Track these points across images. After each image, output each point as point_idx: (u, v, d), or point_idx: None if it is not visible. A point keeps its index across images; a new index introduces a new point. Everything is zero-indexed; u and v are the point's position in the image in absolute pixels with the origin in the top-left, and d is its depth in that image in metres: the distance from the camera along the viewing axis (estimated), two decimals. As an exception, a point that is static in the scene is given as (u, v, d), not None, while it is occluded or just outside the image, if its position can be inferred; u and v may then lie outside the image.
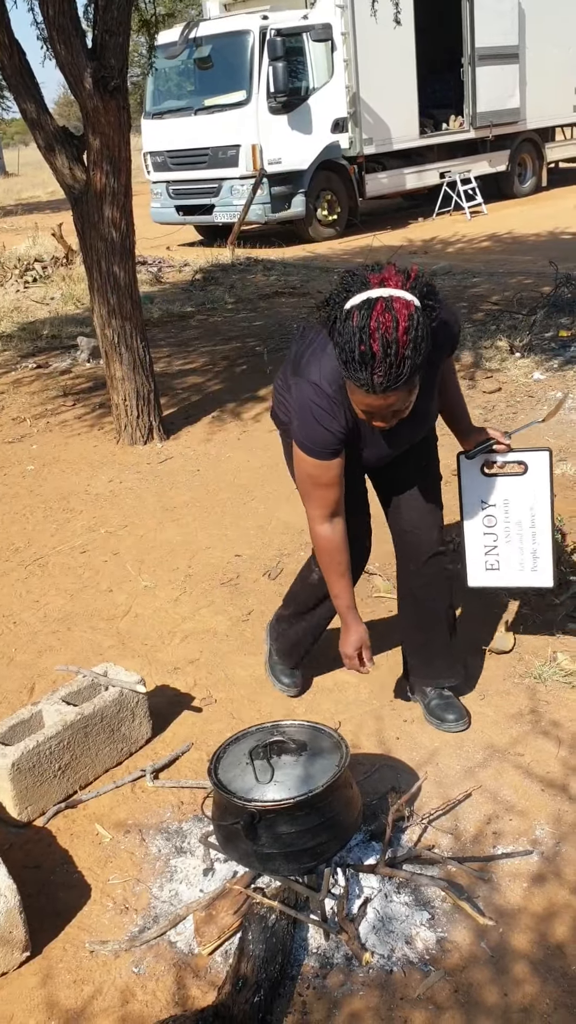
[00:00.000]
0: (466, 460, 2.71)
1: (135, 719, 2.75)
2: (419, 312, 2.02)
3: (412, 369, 2.03)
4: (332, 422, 2.30)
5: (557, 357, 6.21)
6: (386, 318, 1.97)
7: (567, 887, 2.19)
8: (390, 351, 1.98)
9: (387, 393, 2.07)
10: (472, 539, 2.79)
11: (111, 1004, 2.01)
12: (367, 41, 12.75)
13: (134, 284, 5.18)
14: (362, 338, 1.98)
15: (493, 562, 2.79)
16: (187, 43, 12.58)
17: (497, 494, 2.72)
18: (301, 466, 2.42)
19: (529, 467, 2.67)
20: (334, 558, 2.49)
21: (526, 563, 2.76)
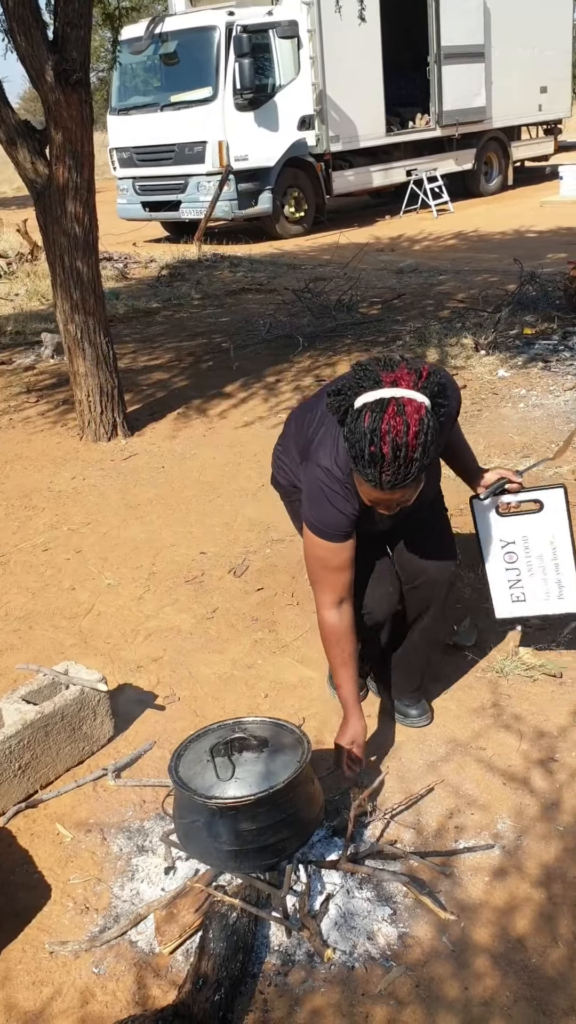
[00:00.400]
0: (479, 503, 2.68)
1: (97, 718, 2.73)
2: (429, 414, 2.04)
3: (420, 470, 2.07)
4: (345, 504, 2.31)
5: (522, 355, 6.25)
6: (397, 421, 1.99)
7: (528, 881, 2.20)
8: (399, 454, 2.01)
9: (394, 490, 2.11)
10: (495, 575, 2.78)
11: (70, 1005, 1.99)
12: (333, 38, 12.76)
13: (97, 279, 5.13)
14: (372, 439, 2.00)
15: (519, 595, 2.79)
16: (152, 38, 12.52)
17: (515, 532, 2.71)
18: (312, 550, 2.40)
19: (545, 504, 2.66)
20: (340, 645, 2.42)
21: (551, 592, 2.75)
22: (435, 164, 14.97)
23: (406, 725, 2.77)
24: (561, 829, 2.33)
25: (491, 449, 4.73)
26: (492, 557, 2.75)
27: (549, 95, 16.98)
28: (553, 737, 2.66)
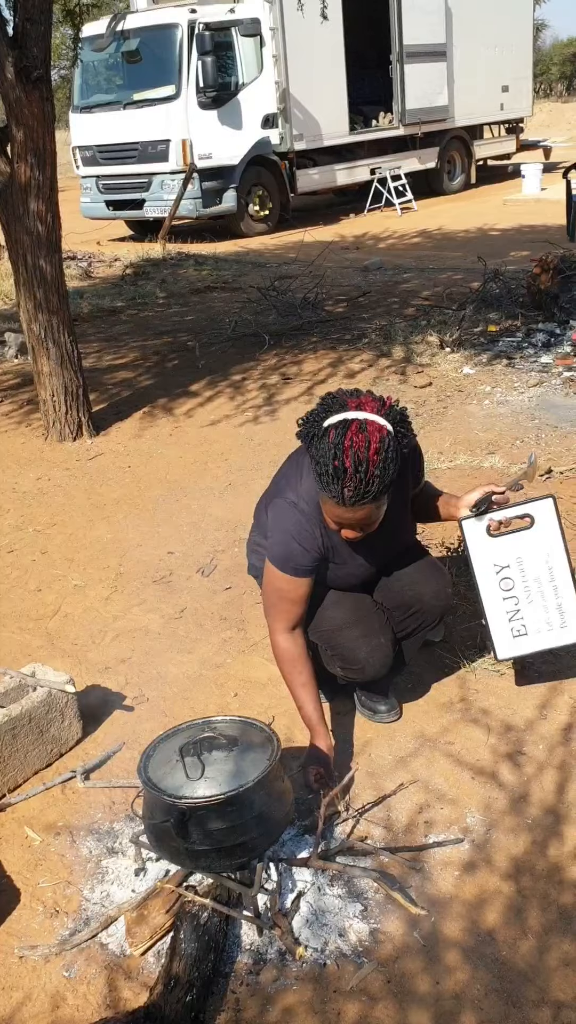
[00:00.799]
0: (469, 524, 2.56)
1: (64, 720, 2.71)
2: (390, 436, 2.18)
3: (381, 487, 2.17)
4: (307, 539, 2.40)
5: (486, 352, 6.29)
6: (359, 438, 2.13)
7: (497, 874, 2.21)
8: (360, 468, 2.12)
9: (356, 506, 2.19)
10: (493, 607, 2.61)
11: (41, 1010, 1.97)
12: (296, 37, 12.77)
13: (61, 278, 5.10)
14: (336, 454, 2.13)
15: (519, 628, 2.62)
16: (114, 36, 12.44)
17: (509, 554, 2.57)
18: (272, 581, 2.48)
19: (536, 519, 2.54)
20: (295, 667, 2.49)
21: (553, 621, 2.61)
22: (399, 163, 15.03)
23: (375, 721, 2.78)
24: (529, 822, 2.35)
25: (457, 446, 4.75)
26: (488, 586, 2.59)
27: (511, 94, 17.13)
28: (520, 731, 2.68)
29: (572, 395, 5.38)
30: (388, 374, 6.07)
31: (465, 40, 15.45)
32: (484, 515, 2.55)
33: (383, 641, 2.56)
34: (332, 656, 2.62)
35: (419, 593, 2.59)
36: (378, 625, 2.57)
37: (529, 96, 18.14)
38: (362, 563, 2.55)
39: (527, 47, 17.63)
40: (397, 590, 2.62)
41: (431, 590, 2.58)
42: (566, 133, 24.23)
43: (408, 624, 2.64)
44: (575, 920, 2.07)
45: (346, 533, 2.32)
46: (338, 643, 2.56)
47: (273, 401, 5.77)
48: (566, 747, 2.59)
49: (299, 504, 2.40)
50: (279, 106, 13.08)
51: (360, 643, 2.53)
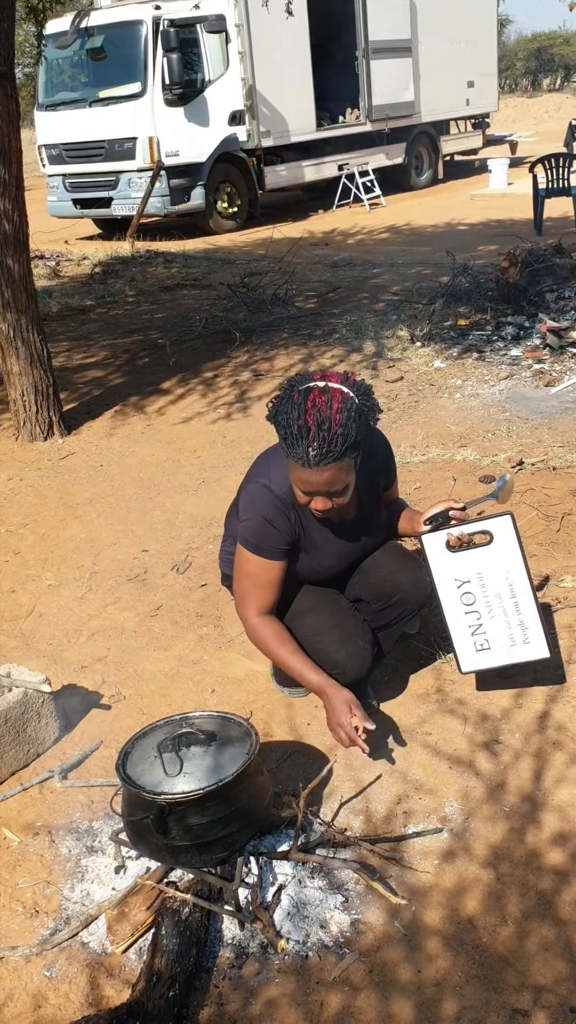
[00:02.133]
0: (428, 539, 2.54)
1: (41, 719, 2.69)
2: (353, 400, 2.24)
3: (344, 446, 2.20)
4: (279, 519, 2.42)
5: (456, 345, 6.32)
6: (322, 399, 2.20)
7: (476, 862, 2.23)
8: (324, 426, 2.17)
9: (321, 467, 2.21)
10: (455, 621, 2.59)
11: (23, 1010, 1.96)
12: (261, 33, 12.74)
13: (29, 276, 5.06)
14: (299, 414, 2.19)
15: (482, 642, 2.59)
16: (78, 33, 12.36)
17: (469, 569, 2.55)
18: (243, 566, 2.48)
19: (494, 535, 2.52)
20: (280, 642, 2.46)
21: (516, 636, 2.59)
22: (366, 159, 15.05)
23: (353, 714, 2.79)
24: (507, 810, 2.37)
25: (429, 439, 4.77)
26: (449, 599, 2.58)
27: (476, 89, 17.21)
28: (497, 720, 2.70)
29: (542, 387, 5.42)
30: (359, 369, 6.08)
31: (430, 36, 15.50)
32: (441, 529, 2.54)
33: (361, 644, 2.56)
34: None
35: (399, 582, 2.60)
36: (355, 629, 2.58)
37: (495, 91, 18.22)
38: (334, 551, 2.55)
39: (492, 42, 17.71)
40: (376, 580, 2.63)
41: (410, 578, 2.59)
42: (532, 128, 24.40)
43: (388, 614, 2.64)
44: (554, 905, 2.09)
45: (316, 505, 2.31)
46: (317, 648, 2.56)
47: (245, 398, 5.77)
48: (542, 735, 2.61)
49: (272, 488, 2.41)
50: (246, 103, 13.05)
51: (339, 647, 2.53)
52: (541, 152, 12.21)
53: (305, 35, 13.32)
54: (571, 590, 3.30)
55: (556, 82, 42.23)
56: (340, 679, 2.60)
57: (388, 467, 2.66)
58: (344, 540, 2.56)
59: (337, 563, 2.60)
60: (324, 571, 2.61)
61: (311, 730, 2.74)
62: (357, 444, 2.25)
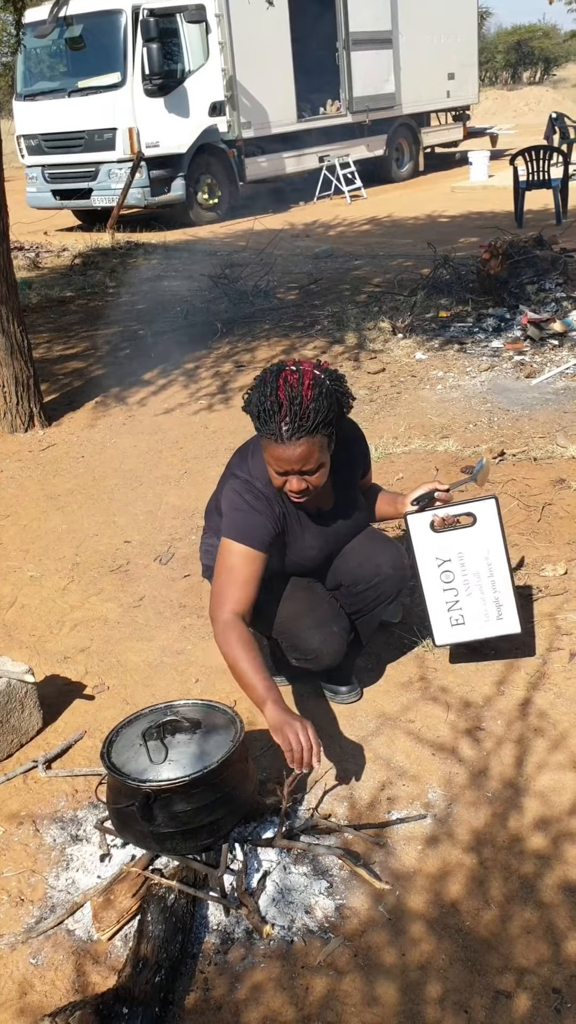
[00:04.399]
0: (413, 519, 2.62)
1: (24, 710, 2.69)
2: (324, 380, 2.27)
3: (315, 420, 2.22)
4: (263, 509, 2.41)
5: (438, 337, 6.33)
6: (293, 377, 2.24)
7: (459, 847, 2.25)
8: (295, 402, 2.20)
9: (294, 441, 2.22)
10: (433, 597, 2.68)
11: (8, 998, 1.96)
12: (242, 23, 12.70)
13: (9, 267, 5.03)
14: (271, 391, 2.23)
15: (457, 617, 2.69)
16: (57, 22, 12.23)
17: (451, 548, 2.64)
18: (224, 559, 2.37)
19: (478, 517, 2.61)
20: (245, 648, 2.25)
21: (490, 613, 2.68)
22: (347, 150, 15.03)
23: (335, 702, 2.80)
24: (490, 795, 2.39)
25: (411, 431, 4.79)
26: (429, 577, 2.67)
27: (457, 81, 17.22)
28: (479, 707, 2.72)
29: (523, 379, 5.44)
30: (341, 360, 6.09)
31: (411, 27, 15.49)
32: (426, 511, 2.62)
33: (335, 630, 2.56)
34: (287, 647, 2.63)
35: (377, 564, 2.61)
36: (330, 614, 2.58)
37: (475, 84, 18.25)
38: (315, 542, 2.56)
39: (472, 35, 17.73)
40: (354, 564, 2.64)
41: (388, 560, 2.60)
42: (512, 121, 24.41)
43: (367, 596, 2.64)
44: (536, 889, 2.11)
45: (291, 486, 2.30)
46: (291, 634, 2.57)
47: (227, 389, 5.76)
48: (524, 722, 2.64)
49: (253, 481, 2.43)
50: (226, 94, 13.00)
51: (312, 633, 2.54)
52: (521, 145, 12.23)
53: (286, 26, 13.27)
54: (551, 579, 3.33)
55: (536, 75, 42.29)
56: (315, 665, 2.61)
57: (364, 455, 2.68)
58: (324, 530, 2.57)
59: (318, 554, 2.61)
60: (306, 562, 2.62)
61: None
62: (330, 422, 2.27)
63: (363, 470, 2.69)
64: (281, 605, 2.57)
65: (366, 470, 2.71)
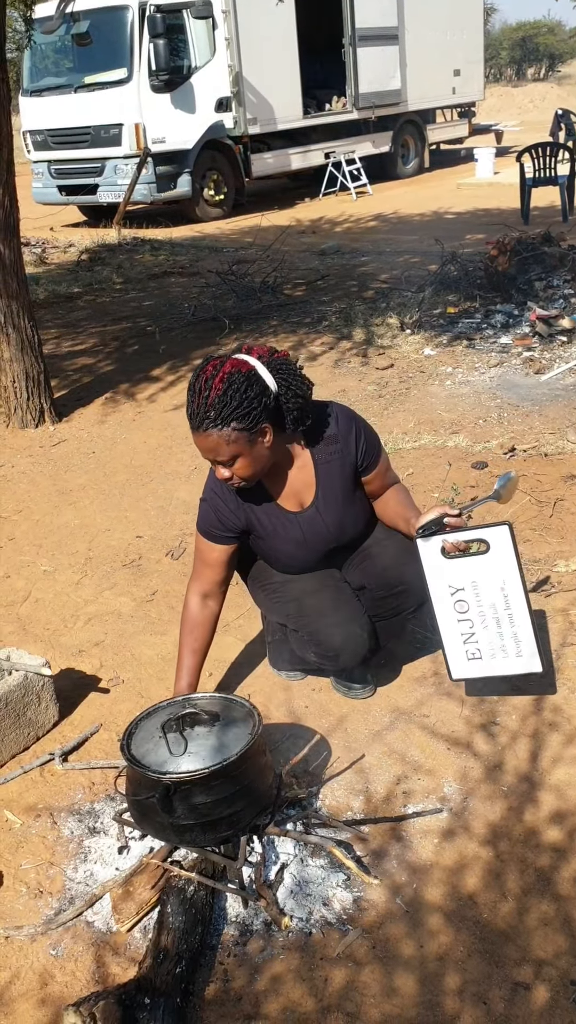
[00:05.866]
0: (423, 543, 2.44)
1: (41, 703, 2.70)
2: (248, 374, 2.24)
3: (218, 416, 2.22)
4: (220, 505, 2.49)
5: (446, 333, 6.34)
6: (211, 367, 2.25)
7: (476, 840, 2.26)
8: (202, 394, 2.22)
9: (199, 432, 2.27)
10: (447, 628, 2.51)
11: (29, 988, 1.98)
12: (248, 20, 12.69)
13: (19, 262, 5.04)
14: (193, 379, 2.27)
15: (474, 651, 2.51)
16: (64, 18, 12.25)
17: (463, 577, 2.45)
18: (196, 542, 2.59)
19: (491, 545, 2.41)
20: (193, 634, 2.56)
21: (509, 648, 2.49)
22: (353, 147, 15.03)
23: (349, 698, 2.81)
24: (505, 789, 2.40)
25: (421, 426, 4.79)
26: (442, 606, 2.49)
27: (462, 78, 17.20)
28: (493, 702, 2.73)
29: (532, 375, 5.45)
30: (349, 356, 6.10)
31: (417, 23, 15.47)
32: (435, 536, 2.45)
33: (359, 630, 2.57)
34: (307, 641, 2.64)
35: (403, 573, 2.59)
36: (355, 615, 2.59)
37: (481, 80, 18.22)
38: (290, 536, 2.54)
39: (478, 31, 17.70)
40: (380, 569, 2.63)
41: (414, 571, 2.50)
42: (517, 117, 24.41)
43: (388, 603, 2.65)
44: (552, 882, 2.12)
45: (217, 471, 2.37)
46: (314, 629, 2.58)
47: (236, 385, 5.76)
48: (538, 716, 2.64)
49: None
50: (232, 90, 13.00)
51: (336, 631, 2.55)
52: (526, 142, 12.24)
53: (292, 22, 13.26)
54: (564, 575, 3.34)
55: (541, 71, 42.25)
56: (332, 664, 2.63)
57: (363, 451, 2.55)
58: (303, 528, 2.54)
59: (297, 550, 2.56)
60: (287, 559, 2.59)
61: (309, 712, 2.76)
62: (243, 417, 2.23)
63: (365, 465, 2.57)
64: (306, 598, 2.58)
65: (369, 466, 2.58)
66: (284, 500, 2.53)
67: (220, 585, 2.57)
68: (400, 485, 2.70)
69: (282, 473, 2.50)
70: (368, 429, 2.59)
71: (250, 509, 2.51)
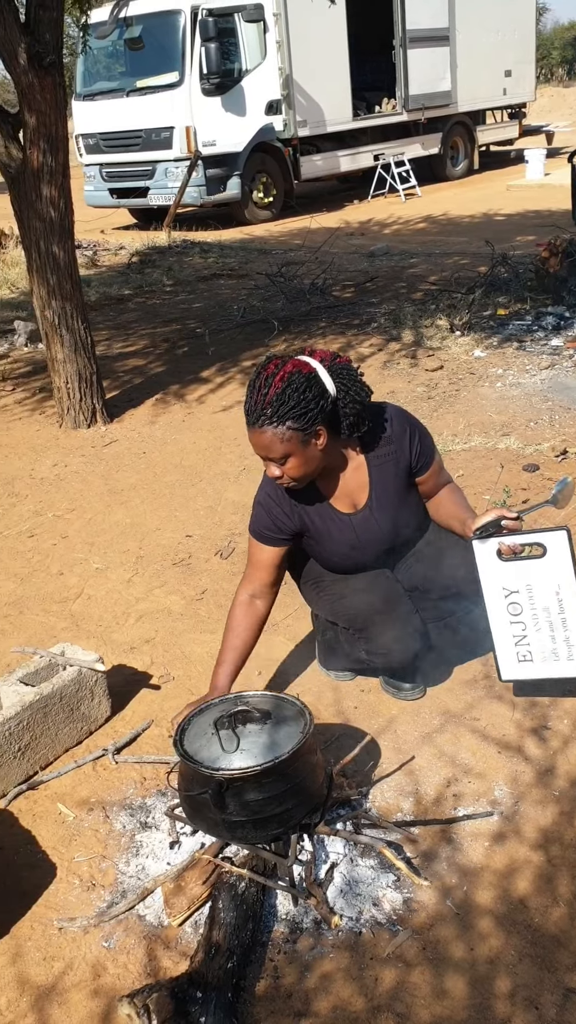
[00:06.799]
0: (479, 544, 2.45)
1: (94, 698, 2.74)
2: (309, 376, 2.26)
3: (275, 413, 2.24)
4: (274, 507, 2.51)
5: (496, 335, 6.30)
6: (275, 367, 2.27)
7: (527, 844, 2.24)
8: (264, 390, 2.25)
9: (254, 429, 2.29)
10: (499, 628, 2.52)
11: (83, 978, 2.01)
12: (299, 22, 12.73)
13: (73, 264, 5.11)
14: (253, 376, 2.30)
15: (525, 653, 2.52)
16: (117, 23, 12.39)
17: (518, 579, 2.45)
18: (248, 545, 2.61)
19: (548, 549, 2.41)
20: (234, 632, 2.57)
21: (560, 652, 2.49)
22: (402, 148, 15.00)
23: (399, 699, 2.81)
24: (557, 794, 2.38)
25: (471, 428, 4.77)
26: (495, 607, 2.50)
27: (513, 79, 17.07)
28: (545, 706, 2.71)
29: (584, 377, 5.39)
30: (398, 358, 6.09)
31: (468, 24, 15.39)
32: (491, 538, 2.45)
33: (411, 629, 2.58)
34: (358, 639, 2.65)
35: (454, 575, 2.59)
36: (407, 615, 2.60)
37: (532, 81, 18.07)
38: (344, 539, 2.55)
39: (530, 31, 17.55)
40: (433, 571, 2.63)
41: (467, 573, 2.50)
42: (568, 118, 24.12)
43: (442, 607, 2.65)
44: (605, 888, 2.10)
45: (268, 471, 2.38)
46: (365, 627, 2.59)
47: (285, 386, 5.78)
48: (590, 721, 2.62)
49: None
50: (282, 92, 13.04)
51: (388, 628, 2.56)
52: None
53: (343, 24, 13.28)
54: (617, 579, 3.29)
55: (593, 71, 41.66)
56: (383, 661, 2.63)
57: (418, 453, 2.55)
58: (357, 529, 2.54)
59: (351, 552, 2.57)
60: (340, 560, 2.61)
61: (358, 712, 2.76)
62: (299, 417, 2.25)
63: (419, 466, 2.57)
64: (358, 597, 2.58)
65: (423, 467, 2.58)
66: (337, 502, 2.54)
67: (270, 586, 2.59)
68: (454, 485, 2.69)
69: (336, 475, 2.51)
70: (422, 430, 2.59)
71: (304, 511, 2.53)
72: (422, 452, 2.56)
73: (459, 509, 2.59)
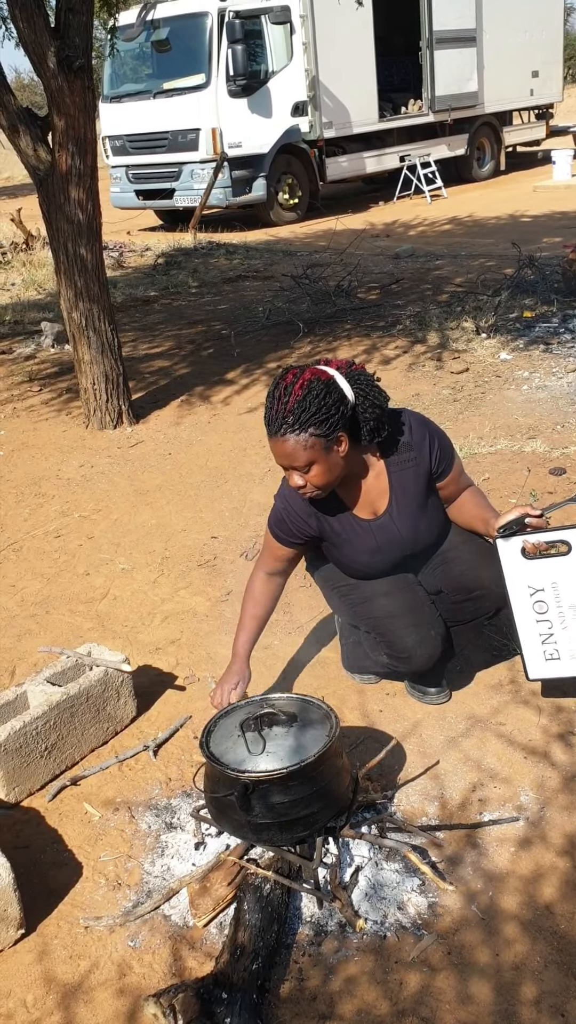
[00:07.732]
0: (503, 543, 2.44)
1: (120, 698, 2.75)
2: (328, 384, 2.27)
3: (296, 421, 2.24)
4: (292, 513, 2.53)
5: (522, 337, 6.27)
6: (294, 376, 2.28)
7: (553, 850, 2.23)
8: (281, 400, 2.25)
9: (276, 438, 2.29)
10: (525, 627, 2.50)
11: (108, 977, 2.02)
12: (325, 24, 12.74)
13: (101, 266, 5.14)
14: (272, 386, 2.31)
15: (552, 651, 2.50)
16: (144, 25, 12.47)
17: (543, 577, 2.44)
18: (266, 537, 2.66)
19: (573, 546, 2.40)
20: (256, 601, 2.65)
21: None
22: (428, 150, 14.96)
23: (424, 703, 2.80)
24: (583, 800, 2.37)
25: (497, 431, 4.75)
26: (521, 606, 2.48)
27: (540, 79, 16.99)
28: (572, 712, 2.69)
29: (611, 380, 5.36)
30: (424, 360, 6.08)
31: (495, 25, 15.34)
32: (515, 536, 2.44)
33: (433, 633, 2.57)
34: (379, 643, 2.64)
35: (479, 577, 2.58)
36: (430, 618, 2.59)
37: (559, 81, 17.96)
38: (365, 546, 2.55)
39: (558, 31, 17.45)
40: (456, 573, 2.62)
41: (492, 575, 2.50)
42: (596, 118, 23.96)
43: (465, 608, 2.64)
44: (632, 895, 2.09)
45: (291, 480, 2.37)
46: (387, 630, 2.58)
47: (310, 388, 5.78)
48: (617, 727, 2.61)
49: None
50: (308, 94, 13.05)
51: (409, 632, 2.55)
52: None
53: (369, 25, 13.27)
54: None
55: (621, 71, 41.37)
56: (407, 665, 2.62)
57: (438, 459, 2.55)
58: (378, 535, 2.54)
59: (371, 559, 2.57)
60: (361, 567, 2.60)
61: (383, 716, 2.76)
62: (321, 423, 2.24)
63: (440, 472, 2.57)
64: (380, 600, 2.58)
65: (443, 472, 2.58)
66: (358, 508, 2.54)
67: (286, 570, 2.67)
68: (475, 487, 2.69)
69: (356, 482, 2.51)
70: (442, 435, 2.59)
71: (323, 517, 2.53)
72: (442, 457, 2.56)
73: (482, 509, 2.60)
